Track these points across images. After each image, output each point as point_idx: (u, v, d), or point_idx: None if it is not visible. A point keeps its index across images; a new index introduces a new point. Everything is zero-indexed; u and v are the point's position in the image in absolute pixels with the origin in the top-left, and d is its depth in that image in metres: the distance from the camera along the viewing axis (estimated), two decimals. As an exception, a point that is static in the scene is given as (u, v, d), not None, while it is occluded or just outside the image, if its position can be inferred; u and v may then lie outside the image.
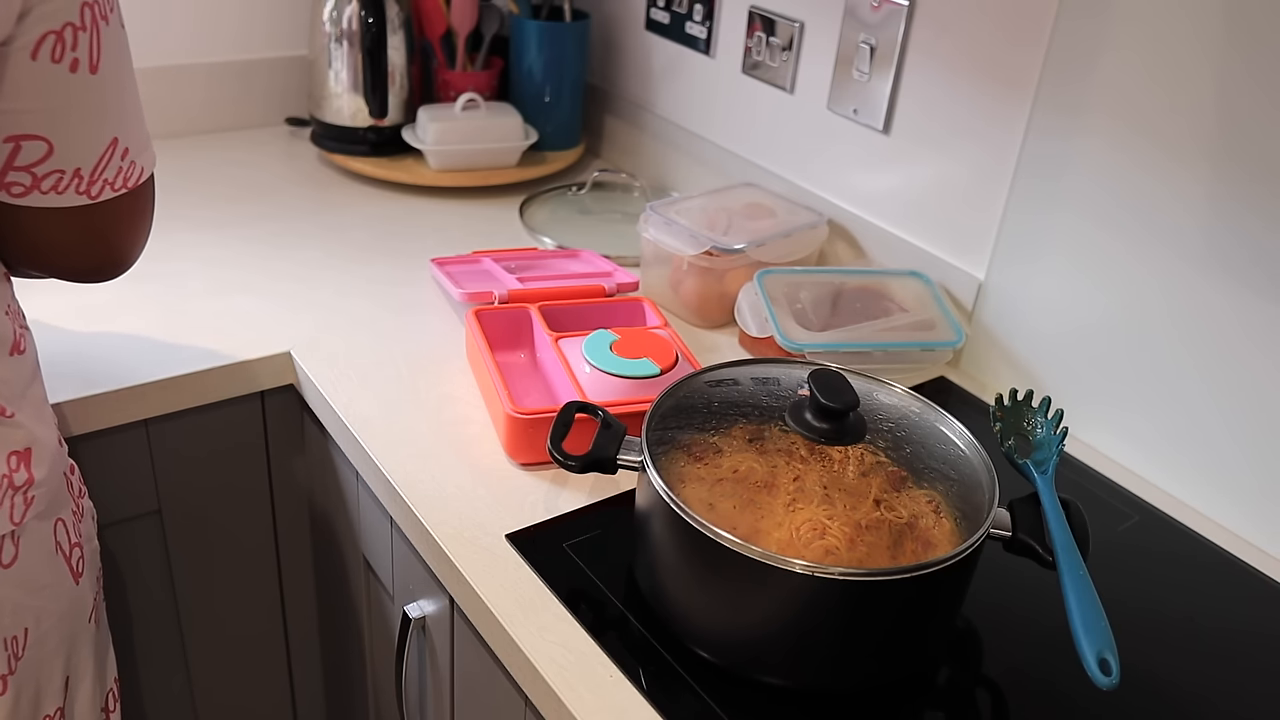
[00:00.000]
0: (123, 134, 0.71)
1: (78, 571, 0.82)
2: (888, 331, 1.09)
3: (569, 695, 0.71)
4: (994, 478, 0.74)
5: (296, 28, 1.55)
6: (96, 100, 0.68)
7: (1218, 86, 0.86)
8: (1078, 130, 0.97)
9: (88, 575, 0.84)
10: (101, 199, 0.71)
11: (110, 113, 0.70)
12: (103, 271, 0.78)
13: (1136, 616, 0.81)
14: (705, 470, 0.74)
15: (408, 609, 0.95)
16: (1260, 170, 0.85)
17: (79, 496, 0.86)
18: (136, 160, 0.73)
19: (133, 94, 0.72)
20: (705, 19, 1.36)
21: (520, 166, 1.47)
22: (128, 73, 0.71)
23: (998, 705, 0.75)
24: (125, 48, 0.70)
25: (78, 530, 0.83)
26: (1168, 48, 0.89)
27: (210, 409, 1.05)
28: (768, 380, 0.82)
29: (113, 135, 0.70)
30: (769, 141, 1.33)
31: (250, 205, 1.35)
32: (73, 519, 0.82)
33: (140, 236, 0.78)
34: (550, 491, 0.90)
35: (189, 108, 1.52)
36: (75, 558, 0.82)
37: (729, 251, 1.13)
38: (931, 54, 1.10)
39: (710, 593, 0.72)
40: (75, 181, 0.69)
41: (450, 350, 1.08)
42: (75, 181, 0.69)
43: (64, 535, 0.80)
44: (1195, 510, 0.95)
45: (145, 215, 0.78)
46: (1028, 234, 1.04)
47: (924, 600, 0.71)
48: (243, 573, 1.18)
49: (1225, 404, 0.91)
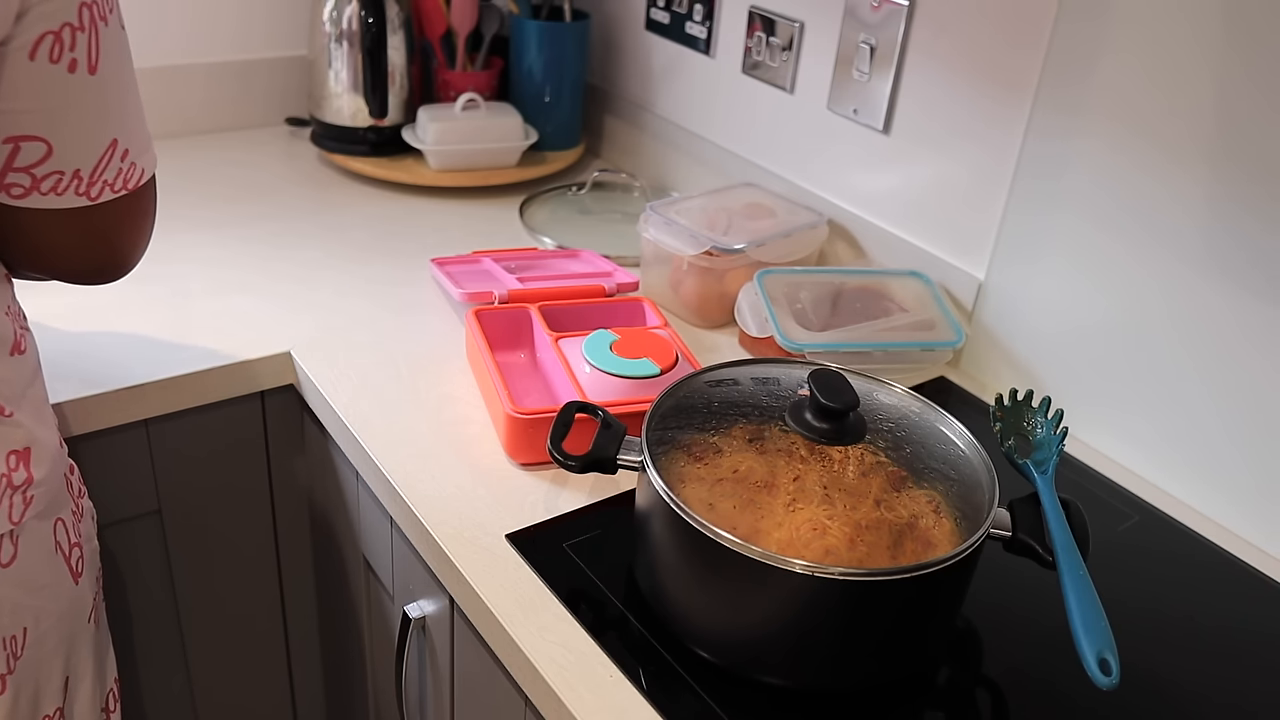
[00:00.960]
0: (123, 135, 0.70)
1: (77, 571, 0.82)
2: (888, 331, 1.09)
3: (569, 695, 0.71)
4: (994, 478, 0.74)
5: (296, 28, 1.55)
6: (96, 101, 0.68)
7: (1217, 88, 0.86)
8: (1077, 131, 0.97)
9: (87, 575, 0.84)
10: (101, 200, 0.71)
11: (110, 114, 0.69)
12: (104, 273, 0.78)
13: (1136, 616, 0.81)
14: (705, 470, 0.74)
15: (408, 609, 0.95)
16: (1259, 171, 0.85)
17: (79, 497, 0.85)
18: (137, 162, 0.73)
19: (133, 95, 0.72)
20: (705, 19, 1.36)
21: (520, 166, 1.47)
22: (128, 74, 0.71)
23: (998, 705, 0.75)
24: (125, 49, 0.70)
25: (77, 530, 0.83)
26: (1167, 50, 0.89)
27: (210, 409, 1.05)
28: (768, 380, 0.82)
29: (112, 136, 0.70)
30: (769, 141, 1.33)
31: (250, 205, 1.35)
32: (72, 519, 0.82)
33: (142, 238, 0.78)
34: (550, 491, 0.90)
35: (188, 108, 1.52)
36: (75, 558, 0.82)
37: (729, 251, 1.13)
38: (931, 54, 1.10)
39: (710, 593, 0.72)
40: (75, 183, 0.69)
41: (450, 350, 1.08)
42: (75, 183, 0.69)
43: (64, 535, 0.80)
44: (1195, 510, 0.95)
45: (147, 217, 0.77)
46: (1028, 234, 1.04)
47: (924, 600, 0.71)
48: (243, 573, 1.18)
49: (1224, 404, 0.91)
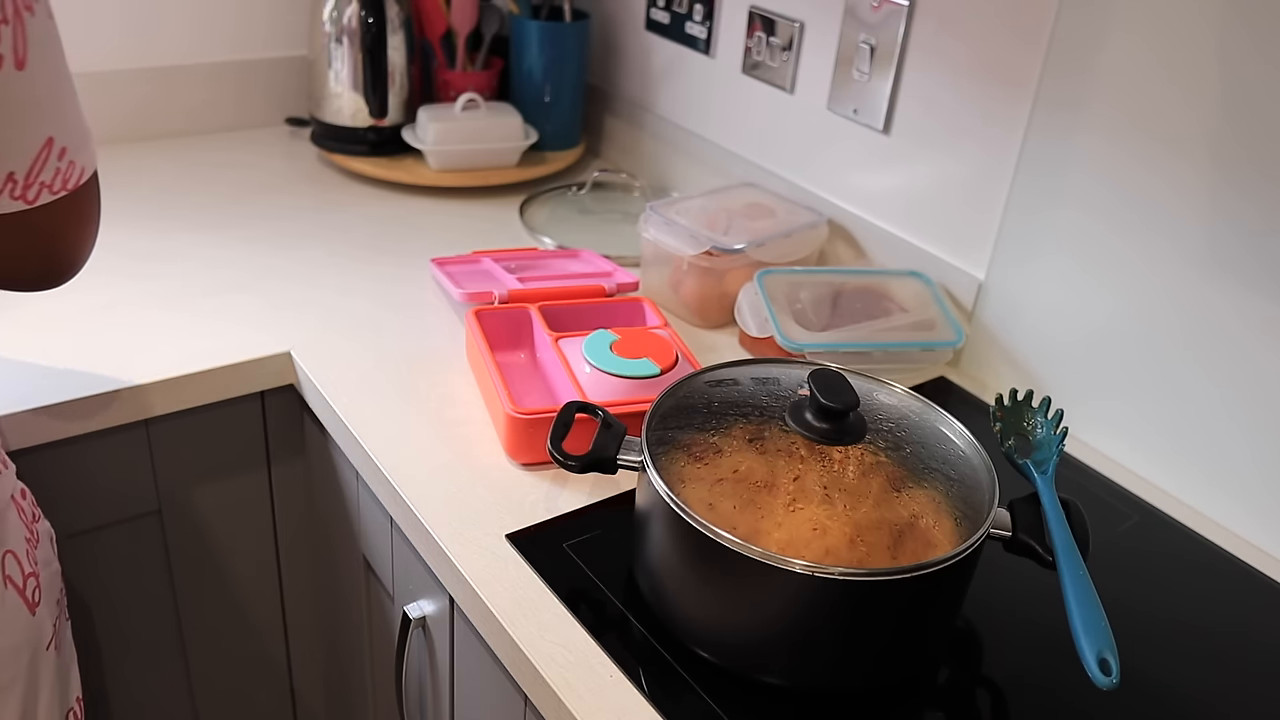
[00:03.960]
0: (59, 133, 0.65)
1: (34, 602, 0.78)
2: (888, 331, 1.09)
3: (569, 695, 0.71)
4: (994, 478, 0.74)
5: (296, 28, 1.55)
6: (26, 97, 0.62)
7: (1221, 81, 0.86)
8: (1078, 128, 0.97)
9: (45, 603, 0.80)
10: (40, 203, 0.66)
11: (43, 110, 0.64)
12: (47, 280, 0.73)
13: (1136, 616, 0.81)
14: (705, 470, 0.74)
15: (408, 609, 0.95)
16: (1263, 166, 0.85)
17: (33, 522, 0.81)
18: (76, 160, 0.67)
19: (68, 90, 0.66)
20: (705, 19, 1.36)
21: (520, 166, 1.47)
22: (61, 67, 0.65)
23: (997, 705, 0.75)
24: (55, 40, 0.64)
25: (32, 559, 0.79)
26: (1169, 41, 0.89)
27: (210, 409, 1.05)
28: (768, 380, 0.82)
29: (48, 135, 0.65)
30: (769, 141, 1.33)
31: (250, 205, 1.35)
32: (26, 547, 0.78)
33: (86, 242, 0.73)
34: (550, 491, 0.90)
35: (189, 108, 1.52)
36: (30, 588, 0.78)
37: (729, 251, 1.13)
38: (932, 54, 1.10)
39: (710, 593, 0.72)
40: (9, 186, 0.64)
41: (450, 350, 1.08)
42: (9, 186, 0.64)
43: (15, 568, 0.76)
44: (1195, 510, 0.95)
45: (89, 219, 0.72)
46: (1028, 233, 1.04)
47: (924, 600, 0.70)
48: (243, 573, 1.18)
49: (1225, 404, 0.91)
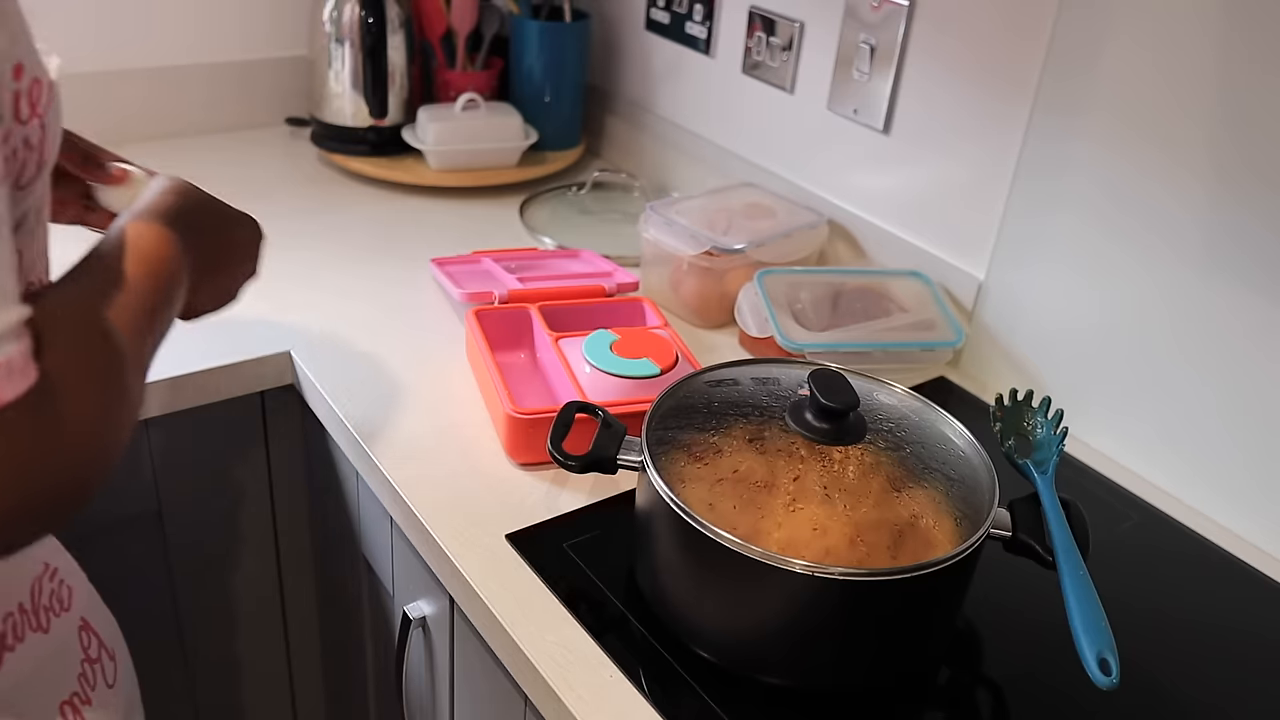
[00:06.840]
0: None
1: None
2: (888, 331, 1.09)
3: (569, 695, 0.71)
4: (994, 478, 0.74)
5: (296, 28, 1.55)
6: None
7: (1219, 85, 0.86)
8: (1078, 130, 0.97)
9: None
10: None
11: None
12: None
13: (1136, 616, 0.81)
14: (705, 470, 0.74)
15: (408, 609, 0.95)
16: (1260, 169, 0.85)
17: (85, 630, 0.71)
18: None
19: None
20: (705, 19, 1.36)
21: (520, 166, 1.47)
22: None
23: (998, 705, 0.75)
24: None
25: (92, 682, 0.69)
26: (1168, 45, 0.89)
27: (210, 409, 1.05)
28: (768, 380, 0.82)
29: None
30: (769, 141, 1.33)
31: (250, 205, 1.33)
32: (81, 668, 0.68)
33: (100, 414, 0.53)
34: (550, 491, 0.90)
35: (189, 108, 1.52)
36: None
37: (729, 251, 1.13)
38: (932, 54, 1.10)
39: (710, 593, 0.72)
40: None
41: (450, 350, 1.08)
42: None
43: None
44: (1195, 510, 0.95)
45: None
46: (1028, 234, 1.04)
47: (924, 600, 0.70)
48: (242, 573, 1.18)
49: (1225, 404, 0.91)
